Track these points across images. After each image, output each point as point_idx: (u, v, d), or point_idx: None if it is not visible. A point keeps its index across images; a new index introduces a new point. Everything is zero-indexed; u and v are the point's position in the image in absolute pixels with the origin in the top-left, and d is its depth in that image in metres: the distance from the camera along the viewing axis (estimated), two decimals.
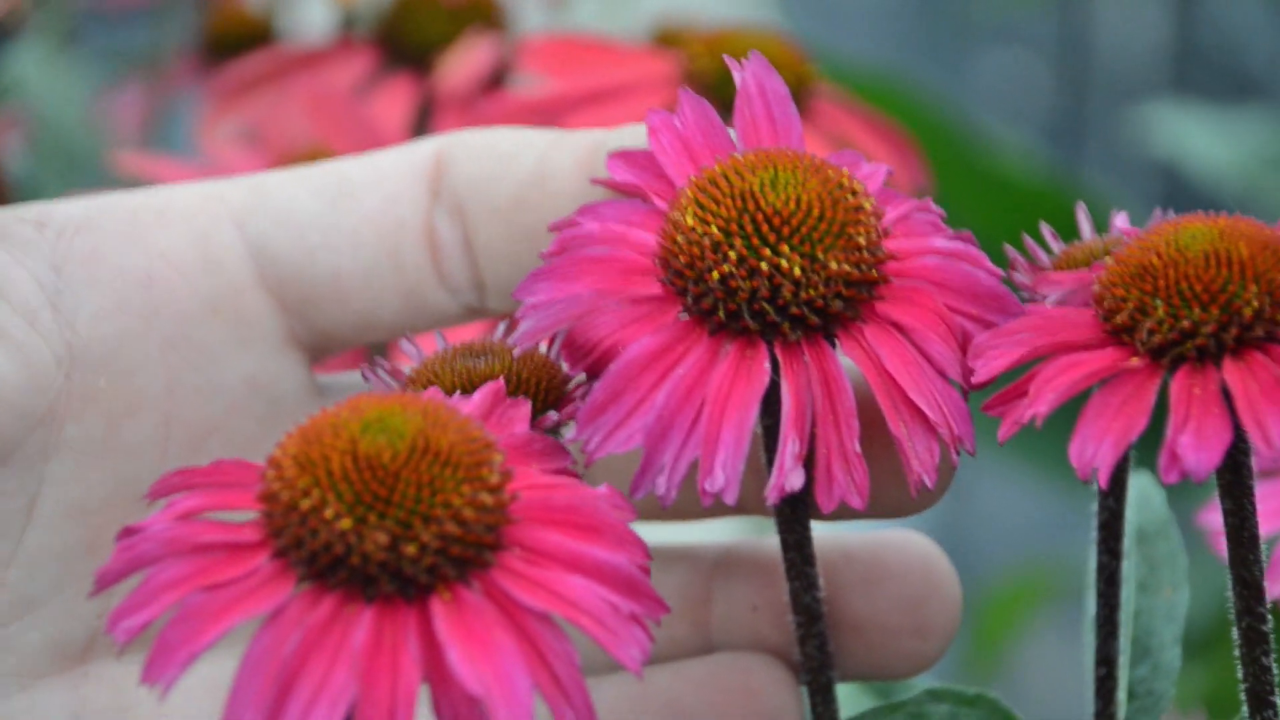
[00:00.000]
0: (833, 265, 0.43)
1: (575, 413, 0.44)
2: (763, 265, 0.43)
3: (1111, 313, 0.43)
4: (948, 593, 0.51)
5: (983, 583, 1.29)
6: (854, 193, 0.44)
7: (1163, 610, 0.50)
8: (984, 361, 0.43)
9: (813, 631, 0.47)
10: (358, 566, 0.38)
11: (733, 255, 0.43)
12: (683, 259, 0.44)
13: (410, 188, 0.50)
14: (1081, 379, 0.42)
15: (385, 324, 0.50)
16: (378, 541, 0.38)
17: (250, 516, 0.39)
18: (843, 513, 0.44)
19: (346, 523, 0.38)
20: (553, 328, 0.44)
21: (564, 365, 0.45)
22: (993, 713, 0.48)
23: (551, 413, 0.45)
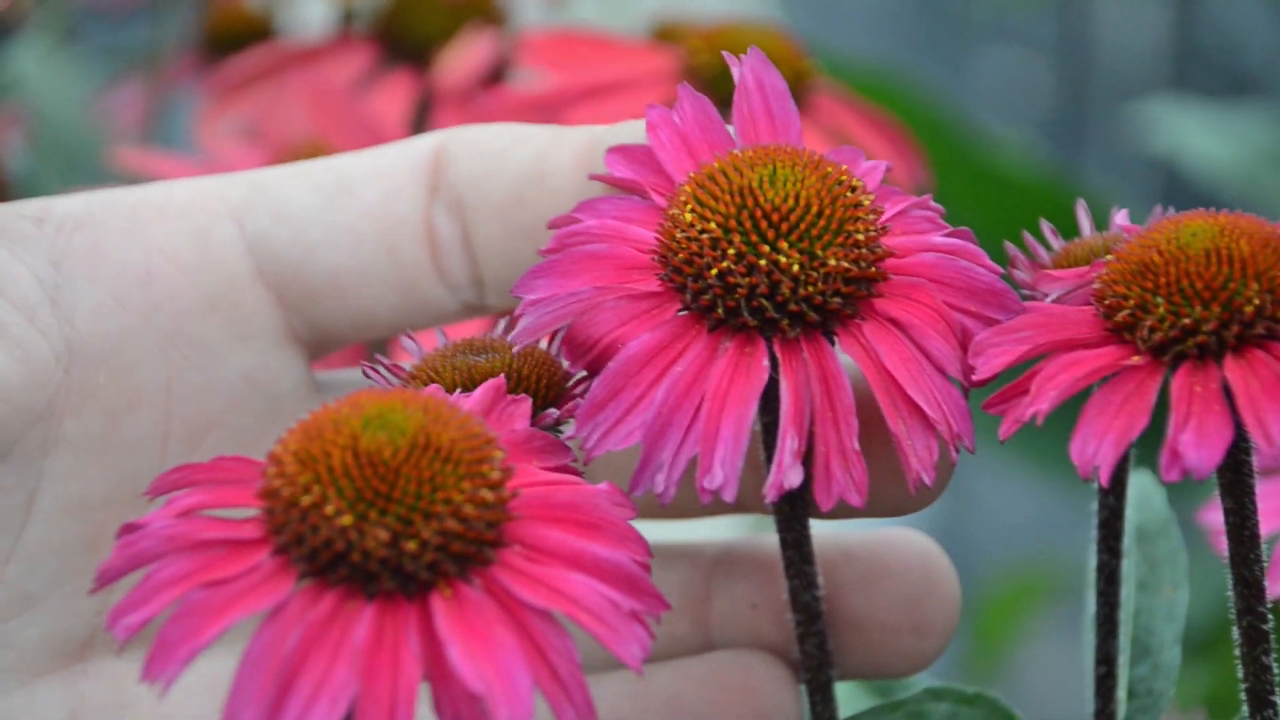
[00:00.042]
0: (831, 262, 0.43)
1: (576, 409, 0.44)
2: (761, 262, 0.43)
3: (1112, 310, 0.43)
4: (947, 591, 0.51)
5: (983, 582, 1.29)
6: (853, 189, 0.44)
7: (1163, 609, 0.50)
8: (985, 359, 0.43)
9: (812, 630, 0.47)
10: (358, 563, 0.38)
11: (731, 251, 0.43)
12: (681, 255, 0.43)
13: (409, 184, 0.50)
14: (1082, 377, 0.42)
15: (384, 320, 0.50)
16: (378, 538, 0.38)
17: (250, 513, 0.39)
18: (842, 511, 0.44)
19: (347, 519, 0.38)
20: (552, 324, 0.44)
21: (564, 362, 0.45)
22: (992, 712, 0.48)
23: (552, 409, 0.45)
